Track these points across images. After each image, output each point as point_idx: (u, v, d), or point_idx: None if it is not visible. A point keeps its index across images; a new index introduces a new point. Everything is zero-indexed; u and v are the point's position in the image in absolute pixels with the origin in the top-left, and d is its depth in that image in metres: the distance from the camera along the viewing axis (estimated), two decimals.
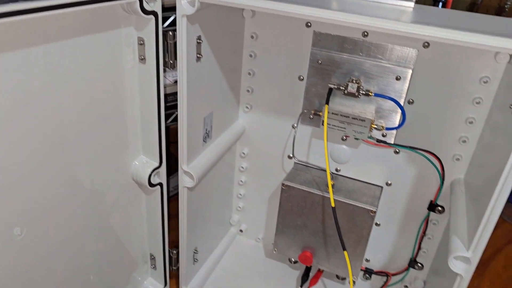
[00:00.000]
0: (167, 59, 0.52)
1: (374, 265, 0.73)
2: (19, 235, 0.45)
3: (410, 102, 0.59)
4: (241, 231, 0.81)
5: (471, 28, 0.40)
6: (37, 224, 0.47)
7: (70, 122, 0.47)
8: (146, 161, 0.57)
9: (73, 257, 0.54)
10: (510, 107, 0.44)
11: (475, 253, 0.46)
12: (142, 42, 0.49)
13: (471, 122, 0.56)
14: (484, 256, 0.87)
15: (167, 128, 0.81)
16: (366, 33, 0.57)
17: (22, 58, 0.39)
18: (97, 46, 0.46)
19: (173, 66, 0.52)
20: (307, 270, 0.72)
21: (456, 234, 0.50)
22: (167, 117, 0.80)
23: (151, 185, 0.57)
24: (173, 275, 0.71)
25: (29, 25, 0.38)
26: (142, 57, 0.50)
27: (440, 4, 1.11)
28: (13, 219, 0.44)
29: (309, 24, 0.60)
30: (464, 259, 0.48)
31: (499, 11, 1.29)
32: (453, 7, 1.35)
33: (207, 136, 0.61)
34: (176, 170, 0.58)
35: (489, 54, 0.52)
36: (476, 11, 1.26)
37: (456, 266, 0.48)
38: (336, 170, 0.68)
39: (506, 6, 1.26)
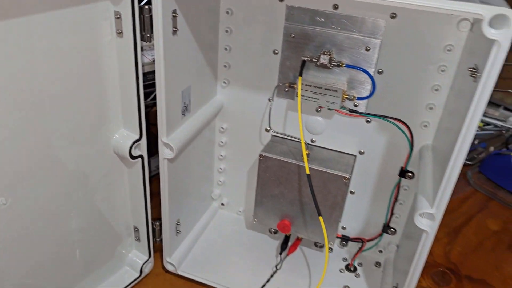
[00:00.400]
0: (144, 33, 0.53)
1: (350, 232, 0.76)
2: (4, 204, 0.47)
3: (379, 72, 0.61)
4: (222, 204, 0.83)
5: None
6: (21, 195, 0.49)
7: (49, 96, 0.48)
8: (126, 134, 0.59)
9: (58, 231, 0.56)
10: (469, 70, 0.47)
11: (439, 209, 0.49)
12: (119, 16, 0.51)
13: (437, 90, 0.59)
14: (456, 224, 0.91)
15: (149, 108, 0.83)
16: (336, 6, 0.59)
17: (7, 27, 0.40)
18: (74, 20, 0.48)
19: (150, 40, 0.53)
20: (286, 238, 0.75)
21: (423, 194, 0.53)
22: (147, 95, 0.81)
23: (132, 157, 0.59)
24: (157, 247, 0.73)
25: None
26: (120, 31, 0.52)
27: None
28: None
29: None
30: (429, 216, 0.51)
31: None
32: None
33: (185, 110, 0.63)
34: (158, 150, 0.60)
35: (452, 22, 0.55)
36: None
37: (421, 222, 0.51)
38: (312, 141, 0.70)
39: None
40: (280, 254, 0.74)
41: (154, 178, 0.84)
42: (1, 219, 0.47)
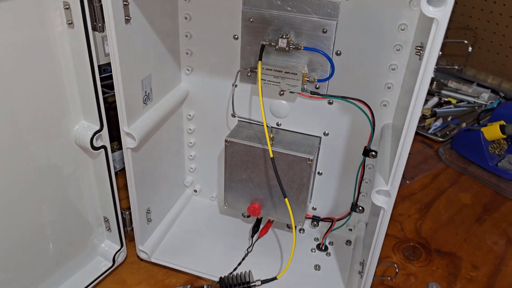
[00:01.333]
0: (96, 23, 0.53)
1: (321, 213, 0.77)
2: None
3: (338, 54, 0.62)
4: (195, 191, 0.84)
5: None
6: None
7: (6, 90, 0.48)
8: (87, 125, 0.59)
9: (27, 224, 0.57)
10: (415, 48, 0.47)
11: (393, 186, 0.50)
12: (67, 7, 0.50)
13: (393, 69, 0.60)
14: (428, 199, 0.93)
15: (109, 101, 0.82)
16: None
17: None
18: (22, 12, 0.47)
19: (103, 30, 0.53)
20: (258, 221, 0.76)
21: (380, 172, 0.54)
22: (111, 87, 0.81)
23: (94, 148, 0.59)
24: (129, 236, 0.74)
25: None
26: (70, 22, 0.51)
27: None
28: None
29: None
30: (385, 193, 0.52)
31: None
32: None
33: (147, 98, 0.63)
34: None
35: (405, 2, 0.55)
36: None
37: (378, 200, 0.52)
38: (277, 124, 0.71)
39: None
40: (252, 237, 0.75)
41: (122, 172, 0.85)
42: None
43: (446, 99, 1.25)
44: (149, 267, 0.74)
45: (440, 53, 0.42)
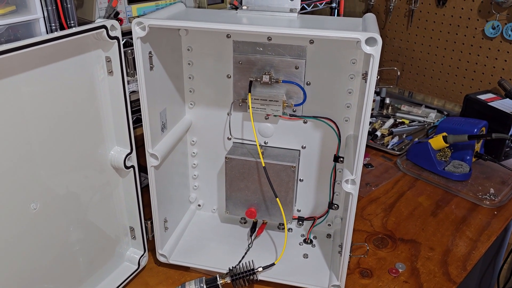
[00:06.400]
0: (128, 70, 0.70)
1: (304, 213, 0.95)
2: (34, 209, 0.63)
3: (308, 84, 0.82)
4: (199, 205, 1.00)
5: (332, 27, 0.63)
6: (47, 203, 0.64)
7: (58, 127, 0.65)
8: (120, 149, 0.75)
9: (65, 240, 0.71)
10: (362, 75, 0.68)
11: (357, 175, 0.69)
12: (109, 60, 0.68)
13: (350, 92, 0.80)
14: (391, 201, 1.12)
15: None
16: (270, 38, 0.79)
17: (24, 78, 0.58)
18: (76, 65, 0.65)
19: (133, 75, 0.71)
20: (254, 224, 0.93)
21: (347, 167, 0.73)
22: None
23: (126, 167, 0.75)
24: (149, 243, 0.88)
25: (24, 56, 0.56)
26: (110, 71, 0.69)
27: (336, 11, 1.38)
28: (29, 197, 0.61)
29: (229, 35, 0.81)
30: (351, 181, 0.70)
31: (387, 12, 1.59)
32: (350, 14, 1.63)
33: (164, 127, 0.80)
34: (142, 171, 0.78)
35: (352, 44, 0.76)
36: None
37: (347, 187, 0.70)
38: (265, 142, 0.89)
39: (390, 7, 1.56)
40: (251, 236, 0.91)
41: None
42: (29, 221, 0.62)
43: (400, 120, 1.47)
44: (165, 270, 0.89)
45: (378, 77, 0.62)
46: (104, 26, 0.64)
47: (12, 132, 0.58)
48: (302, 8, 1.29)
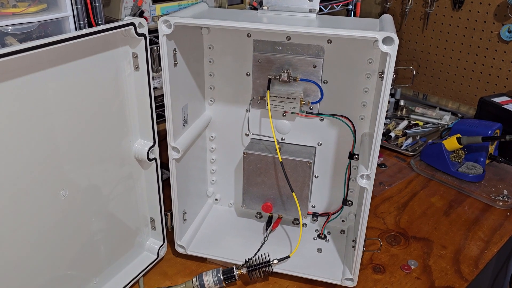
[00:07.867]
0: (154, 66, 0.74)
1: (319, 209, 0.97)
2: (64, 196, 0.66)
3: (325, 82, 0.84)
4: (216, 200, 1.03)
5: (350, 26, 0.65)
6: (76, 190, 0.68)
7: (86, 119, 0.68)
8: (143, 142, 0.79)
9: (88, 231, 0.74)
10: (379, 73, 0.70)
11: (372, 170, 0.71)
12: (136, 56, 0.72)
13: (366, 91, 0.82)
14: (404, 200, 1.14)
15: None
16: (289, 37, 0.82)
17: (54, 73, 0.61)
18: (103, 61, 0.68)
19: (158, 71, 0.74)
20: (270, 218, 0.95)
21: (362, 163, 0.75)
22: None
23: (149, 159, 0.79)
24: (168, 234, 0.92)
25: (57, 51, 0.59)
26: (136, 66, 0.73)
27: (352, 13, 1.41)
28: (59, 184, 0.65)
29: (249, 34, 0.84)
30: (366, 177, 0.72)
31: (402, 15, 1.60)
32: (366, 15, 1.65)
33: (185, 122, 0.84)
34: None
35: (369, 43, 0.78)
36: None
37: (362, 182, 0.73)
38: (282, 139, 0.92)
39: (406, 10, 1.57)
40: (266, 229, 0.94)
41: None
42: (59, 207, 0.66)
43: (414, 122, 1.49)
44: (183, 261, 0.92)
45: (394, 75, 0.64)
46: (132, 24, 0.68)
47: (43, 123, 0.61)
48: (319, 10, 1.32)
